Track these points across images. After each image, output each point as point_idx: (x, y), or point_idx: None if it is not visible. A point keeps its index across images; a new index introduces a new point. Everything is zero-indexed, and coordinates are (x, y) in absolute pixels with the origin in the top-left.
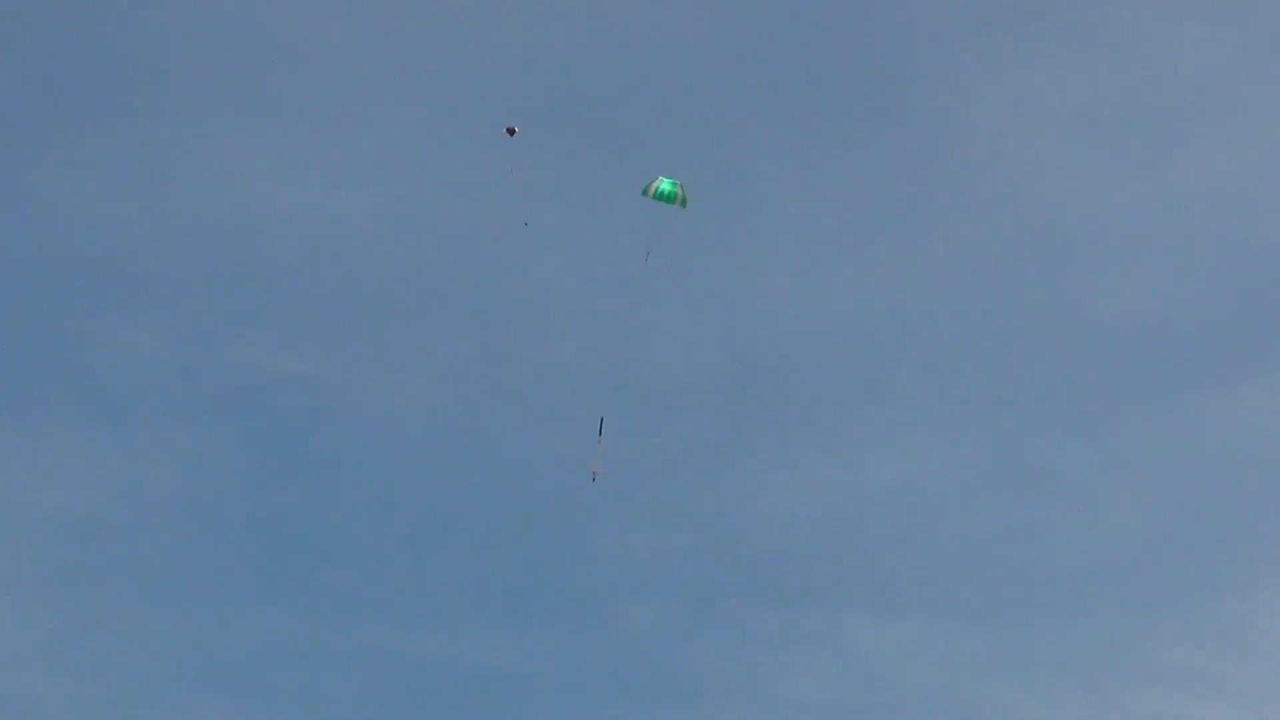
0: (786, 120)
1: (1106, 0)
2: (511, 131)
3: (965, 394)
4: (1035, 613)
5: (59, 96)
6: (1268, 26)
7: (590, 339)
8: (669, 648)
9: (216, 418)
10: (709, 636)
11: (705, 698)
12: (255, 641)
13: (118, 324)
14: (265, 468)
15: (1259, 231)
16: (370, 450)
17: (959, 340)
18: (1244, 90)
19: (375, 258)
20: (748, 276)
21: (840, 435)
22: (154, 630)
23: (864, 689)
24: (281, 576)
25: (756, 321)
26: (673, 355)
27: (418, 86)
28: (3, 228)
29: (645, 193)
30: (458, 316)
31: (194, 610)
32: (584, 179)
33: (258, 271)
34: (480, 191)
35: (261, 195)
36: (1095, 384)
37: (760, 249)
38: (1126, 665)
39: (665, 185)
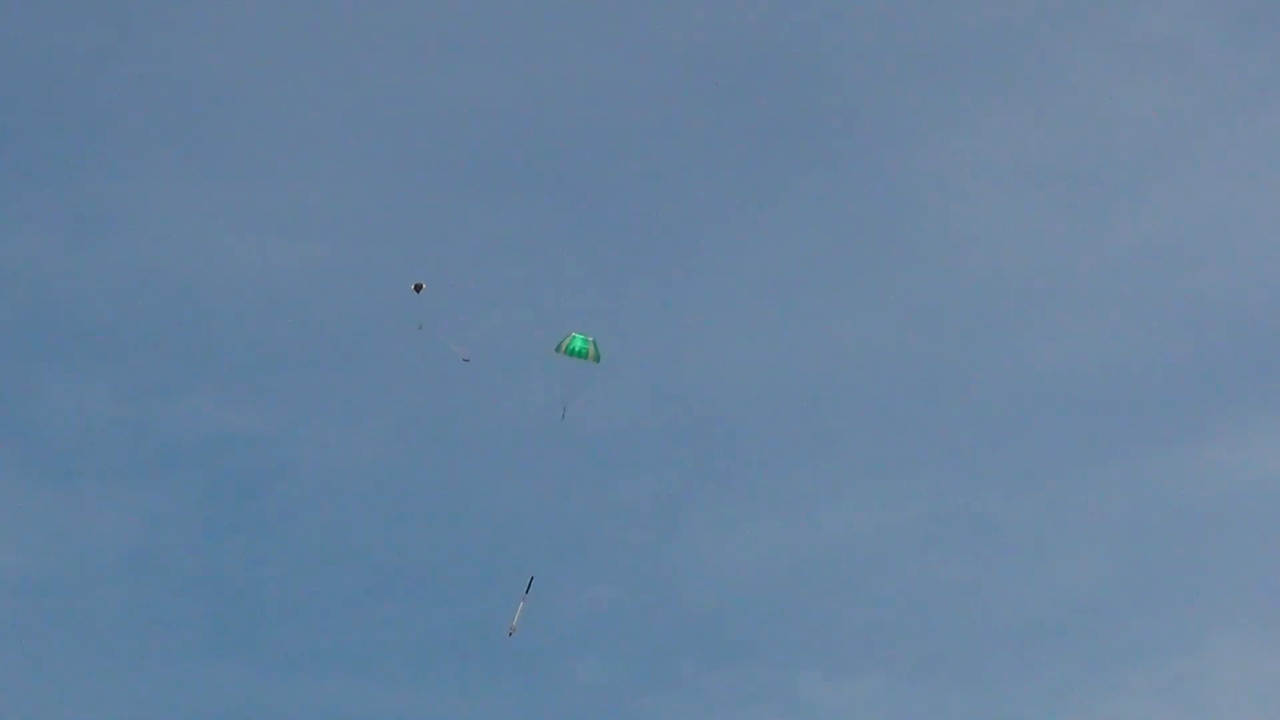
0: (729, 171)
1: (1049, 54)
2: (419, 288)
3: (911, 448)
4: (985, 668)
5: (1, 150)
6: (1211, 81)
7: (534, 389)
8: (619, 704)
9: (164, 474)
10: (659, 693)
11: None
12: (206, 699)
13: (64, 380)
14: (214, 524)
15: (1205, 286)
16: (319, 506)
17: (904, 394)
18: (1187, 144)
19: (323, 312)
20: (693, 332)
21: (787, 490)
22: (103, 689)
23: None
24: (231, 633)
25: (702, 377)
26: (620, 411)
27: (364, 141)
28: None
29: (558, 349)
30: (406, 372)
31: (144, 668)
32: (530, 228)
33: (205, 326)
34: (427, 244)
35: (208, 249)
36: (1040, 438)
37: (705, 303)
38: (1080, 719)
39: (578, 342)
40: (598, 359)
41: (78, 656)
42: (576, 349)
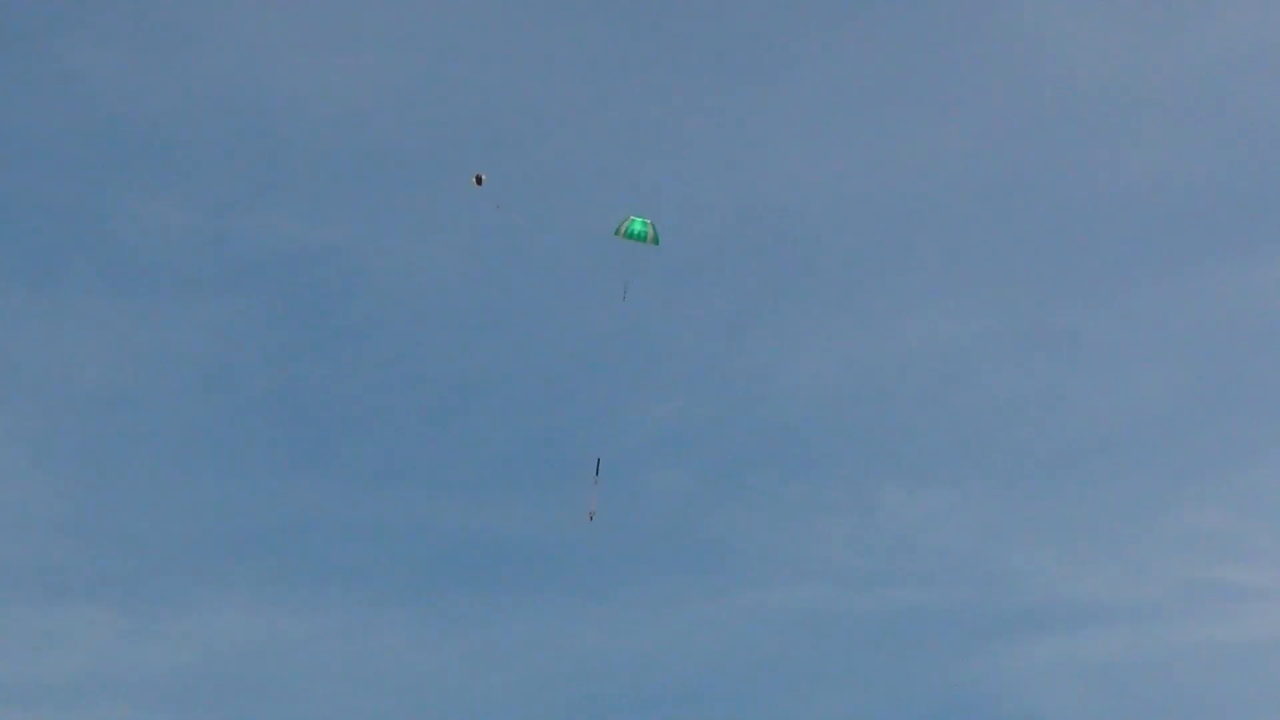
0: None
1: None
2: (479, 180)
3: (986, 261)
4: (1062, 481)
5: None
6: None
7: (613, 206)
8: (696, 515)
9: (243, 288)
10: (737, 505)
11: (733, 566)
12: (280, 511)
13: (141, 195)
14: (291, 337)
15: None
16: (396, 319)
17: (979, 207)
18: None
19: (402, 126)
20: (769, 146)
21: (863, 303)
22: (181, 500)
23: (895, 555)
24: (307, 446)
25: (778, 191)
26: (696, 225)
27: None
28: (30, 102)
29: (617, 233)
30: (483, 187)
31: (220, 480)
32: (602, 42)
33: (284, 141)
34: (508, 59)
35: (289, 65)
36: (1114, 251)
37: (782, 119)
38: (1153, 529)
39: (636, 225)
40: (656, 241)
41: (156, 468)
42: (635, 232)
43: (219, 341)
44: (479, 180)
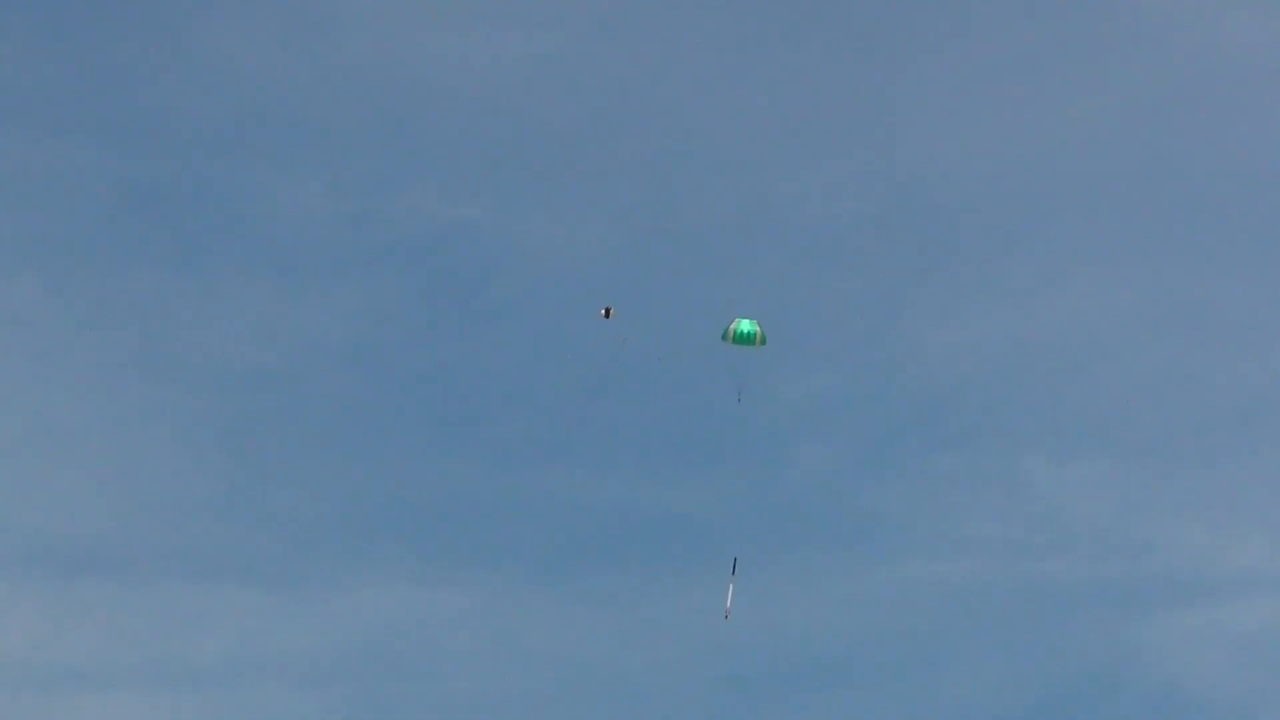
0: None
1: None
2: (608, 313)
3: (1136, 232)
4: (1210, 451)
5: None
6: None
7: (759, 183)
8: (842, 488)
9: (386, 267)
10: (882, 477)
11: (880, 539)
12: (427, 490)
13: (285, 177)
14: (436, 316)
15: None
16: (540, 297)
17: (1129, 179)
18: None
19: (543, 103)
20: (917, 120)
21: (1008, 276)
22: (328, 480)
23: (1040, 528)
24: (453, 425)
25: (923, 165)
26: (845, 198)
27: None
28: (172, 86)
29: (724, 337)
30: (626, 162)
31: (367, 460)
32: (750, 20)
33: (424, 120)
34: (653, 35)
35: (427, 43)
36: (1267, 222)
37: (929, 92)
38: None
39: (744, 326)
40: (764, 341)
41: (303, 448)
42: (744, 333)
43: (364, 322)
44: (608, 313)
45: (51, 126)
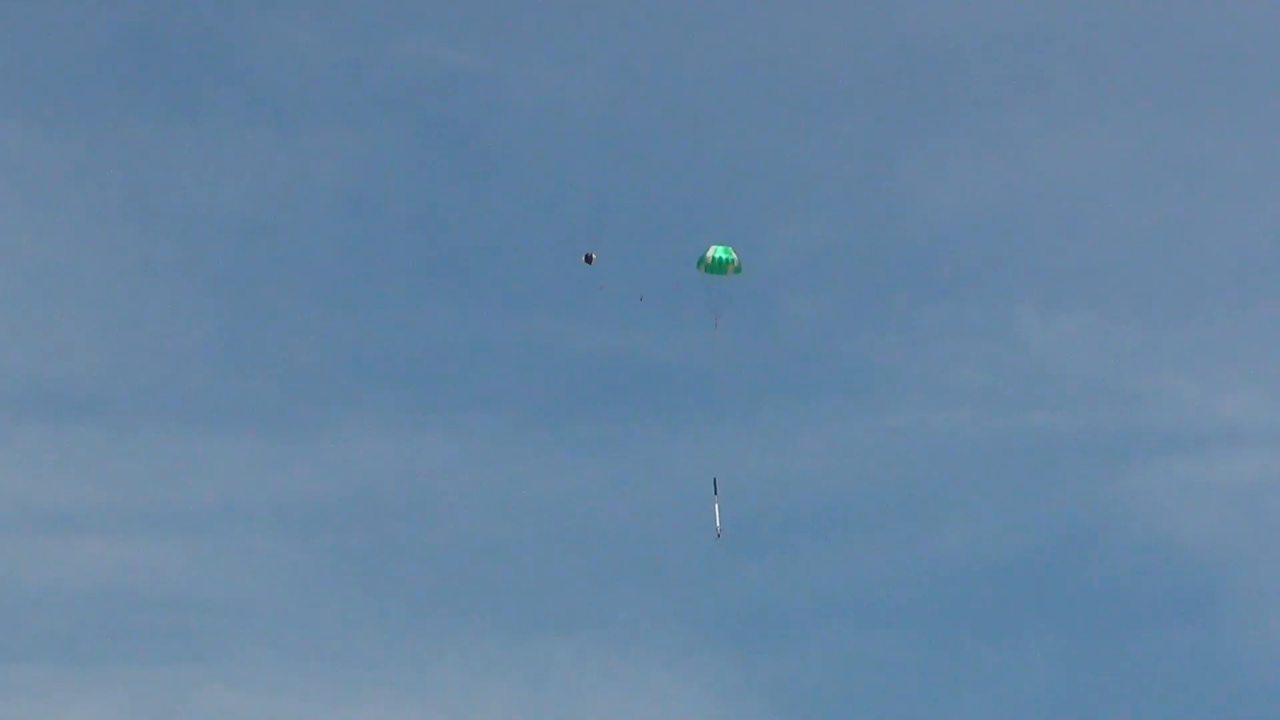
0: None
1: None
2: (589, 259)
3: (1127, 86)
4: (1200, 305)
5: None
6: None
7: (751, 35)
8: (835, 339)
9: (381, 114)
10: (875, 328)
11: (869, 389)
12: (420, 337)
13: (282, 23)
14: (430, 163)
15: None
16: (534, 144)
17: (1120, 31)
18: None
19: None
20: None
21: (1003, 127)
22: (322, 326)
23: (1030, 379)
24: (445, 271)
25: (919, 16)
26: (834, 49)
27: None
28: None
29: (700, 265)
30: (623, 10)
31: (360, 306)
32: None
33: None
34: None
35: None
36: (1258, 76)
37: None
38: None
39: (719, 253)
40: (739, 270)
41: (297, 295)
42: (719, 260)
43: (359, 169)
44: (589, 259)
45: None
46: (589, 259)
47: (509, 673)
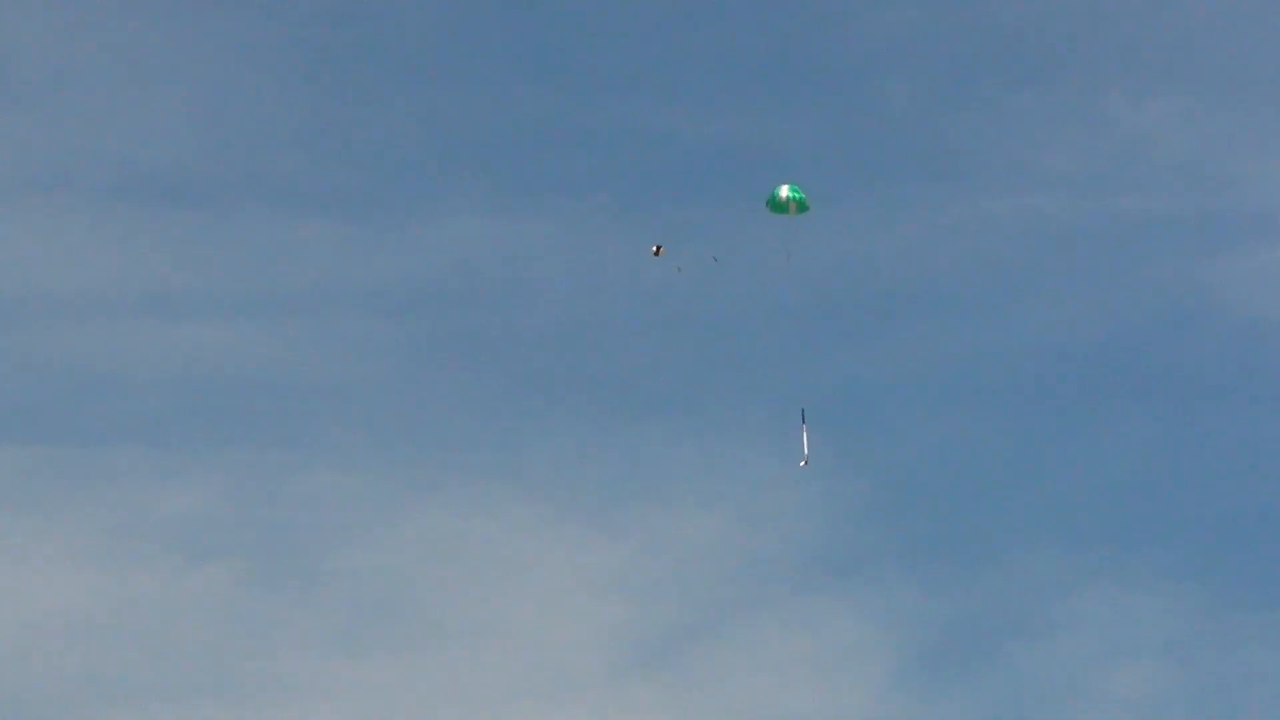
0: None
1: None
2: (658, 251)
3: None
4: None
5: None
6: None
7: None
8: (924, 124)
9: None
10: (964, 112)
11: (960, 173)
12: (515, 119)
13: None
14: None
15: None
16: None
17: None
18: None
19: None
20: None
21: None
22: (415, 109)
23: (1121, 163)
24: (541, 51)
25: None
26: None
27: None
28: None
29: (770, 205)
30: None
31: (454, 88)
32: None
33: None
34: None
35: None
36: None
37: None
38: None
39: (787, 193)
40: (803, 209)
41: (385, 78)
42: (788, 198)
43: None
44: (658, 251)
45: None
46: (658, 251)
47: (603, 455)
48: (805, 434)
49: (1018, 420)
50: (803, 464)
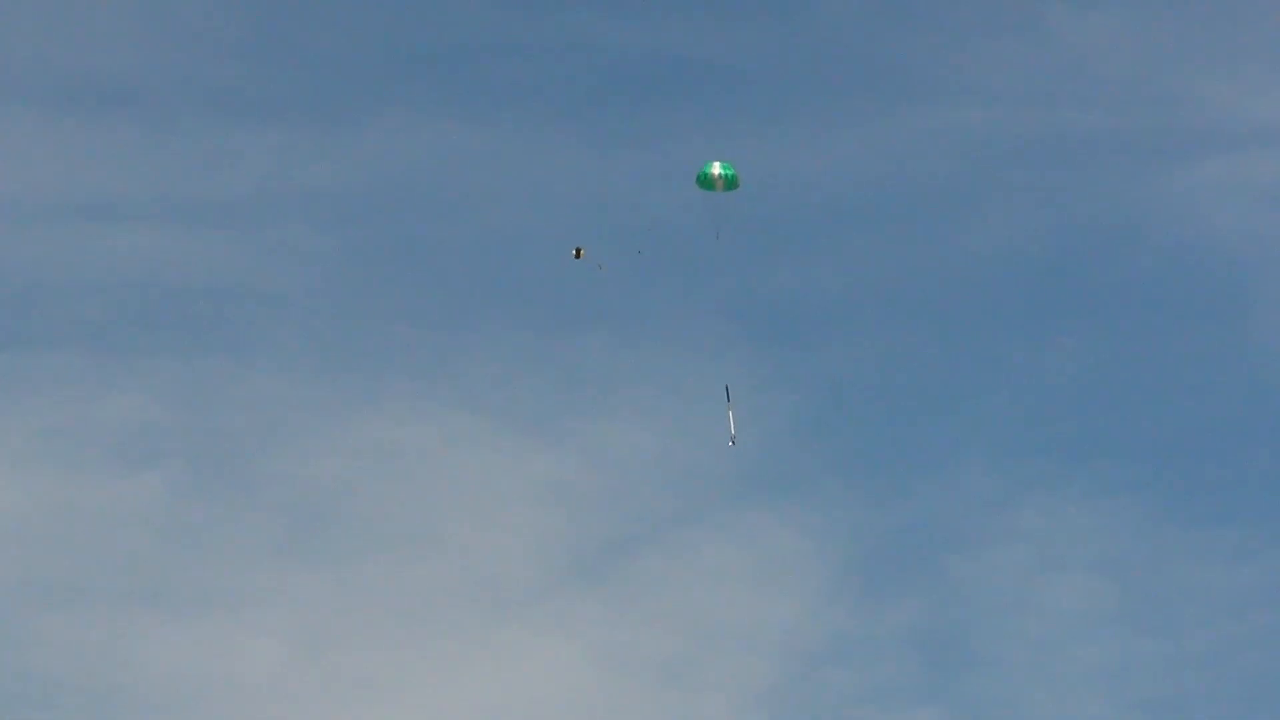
0: None
1: None
2: (578, 253)
3: None
4: (1236, 3)
5: None
6: None
7: None
8: (865, 37)
9: None
10: (905, 25)
11: (901, 87)
12: (452, 29)
13: None
14: None
15: None
16: None
17: None
18: None
19: None
20: None
21: None
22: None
23: (1062, 77)
24: None
25: None
26: None
27: None
28: None
29: (699, 182)
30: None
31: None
32: None
33: None
34: None
35: None
36: None
37: None
38: None
39: (717, 169)
40: (729, 185)
41: None
42: (719, 175)
43: None
44: (578, 253)
45: None
46: (578, 253)
47: (539, 367)
48: (730, 413)
49: (956, 334)
50: (730, 444)
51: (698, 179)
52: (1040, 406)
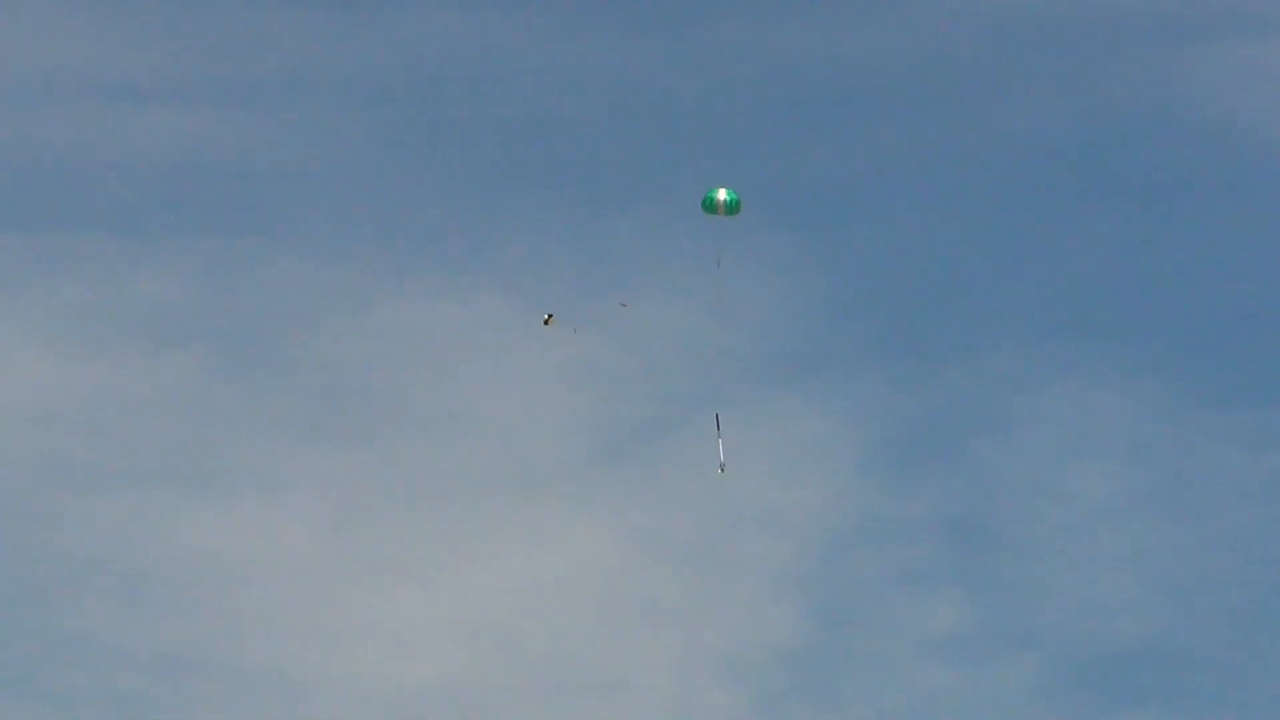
0: None
1: None
2: (548, 320)
3: None
4: None
5: None
6: None
7: None
8: None
9: None
10: None
11: None
12: None
13: None
14: None
15: None
16: None
17: None
18: None
19: None
20: None
21: None
22: None
23: None
24: None
25: None
26: None
27: None
28: None
29: (704, 207)
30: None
31: None
32: None
33: None
34: None
35: None
36: None
37: None
38: None
39: (721, 195)
40: (731, 209)
41: None
42: (723, 201)
43: None
44: (548, 320)
45: None
46: (548, 320)
47: (573, 246)
48: (720, 441)
49: (987, 217)
50: (720, 472)
51: (703, 203)
52: (1068, 289)
